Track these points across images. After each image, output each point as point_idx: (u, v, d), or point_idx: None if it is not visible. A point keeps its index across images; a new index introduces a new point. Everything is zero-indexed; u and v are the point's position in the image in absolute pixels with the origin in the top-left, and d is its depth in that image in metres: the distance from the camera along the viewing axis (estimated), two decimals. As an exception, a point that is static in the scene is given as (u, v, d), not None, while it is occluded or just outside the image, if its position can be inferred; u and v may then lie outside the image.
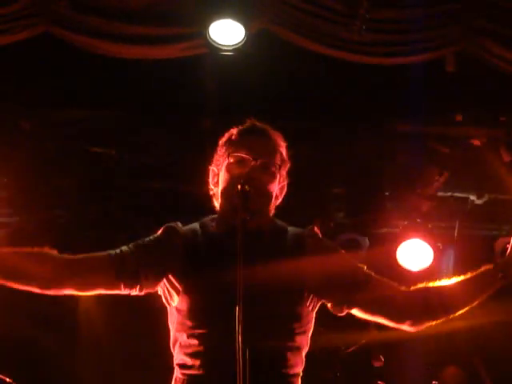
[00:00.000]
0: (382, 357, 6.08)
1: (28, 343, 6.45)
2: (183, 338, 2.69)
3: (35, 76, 4.92)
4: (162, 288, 2.77)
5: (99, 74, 4.89)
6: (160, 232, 2.81)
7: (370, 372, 6.19)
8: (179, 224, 2.83)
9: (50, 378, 6.50)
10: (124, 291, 2.72)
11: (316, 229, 2.84)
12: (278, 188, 2.81)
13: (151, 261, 2.72)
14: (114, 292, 2.73)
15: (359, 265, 2.82)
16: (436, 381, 6.33)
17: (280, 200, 2.86)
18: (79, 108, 5.34)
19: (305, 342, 2.76)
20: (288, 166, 2.84)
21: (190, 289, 2.68)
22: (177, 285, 2.70)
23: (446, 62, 4.71)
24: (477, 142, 5.61)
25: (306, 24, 4.41)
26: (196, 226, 2.84)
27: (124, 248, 2.75)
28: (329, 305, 2.79)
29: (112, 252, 2.73)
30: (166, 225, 2.82)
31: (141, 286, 2.71)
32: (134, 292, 2.73)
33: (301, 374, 2.75)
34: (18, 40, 4.31)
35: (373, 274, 2.80)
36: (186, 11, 4.40)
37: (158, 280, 2.73)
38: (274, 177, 2.75)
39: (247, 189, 2.60)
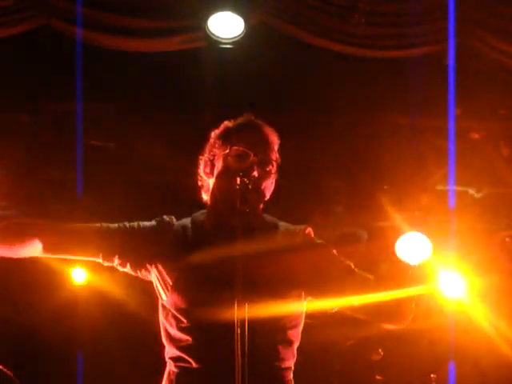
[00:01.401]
0: (380, 350, 6.08)
1: (27, 336, 6.45)
2: (175, 332, 2.69)
3: (33, 68, 4.92)
4: (154, 280, 2.77)
5: (98, 67, 4.88)
6: (155, 222, 2.81)
7: (369, 366, 6.19)
8: (174, 219, 2.83)
9: (50, 371, 6.50)
10: (106, 263, 2.78)
11: (309, 230, 2.80)
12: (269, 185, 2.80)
13: (137, 242, 2.75)
14: (93, 259, 2.79)
15: (348, 262, 2.76)
16: (434, 374, 6.33)
17: (268, 197, 2.83)
18: (78, 101, 5.33)
19: (296, 335, 2.75)
20: (279, 164, 2.83)
21: (181, 285, 2.67)
22: (166, 280, 2.70)
23: (445, 55, 4.71)
24: (476, 136, 5.61)
25: (305, 17, 4.41)
26: (187, 221, 2.82)
27: (116, 224, 2.81)
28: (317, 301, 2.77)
29: (104, 225, 2.80)
30: (162, 217, 2.82)
31: (122, 262, 2.75)
32: (118, 266, 2.77)
33: (292, 368, 2.75)
34: (17, 33, 4.30)
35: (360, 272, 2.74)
36: (185, 4, 4.40)
37: (138, 263, 2.75)
38: (269, 174, 2.73)
39: (246, 181, 2.59)
